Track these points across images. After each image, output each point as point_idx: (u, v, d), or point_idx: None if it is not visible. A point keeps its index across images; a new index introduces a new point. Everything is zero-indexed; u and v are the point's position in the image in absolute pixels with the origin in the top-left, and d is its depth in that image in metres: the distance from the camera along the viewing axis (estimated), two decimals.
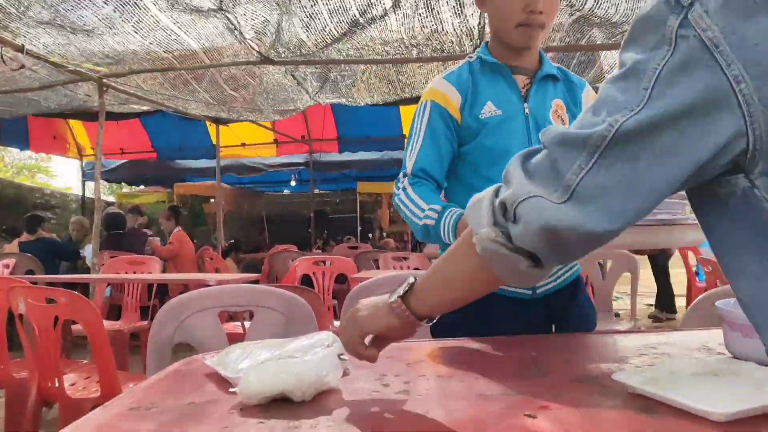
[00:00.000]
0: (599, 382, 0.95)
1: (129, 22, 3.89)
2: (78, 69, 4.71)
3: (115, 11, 3.71)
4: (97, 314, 2.24)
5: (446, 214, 1.35)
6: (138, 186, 12.58)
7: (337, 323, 3.12)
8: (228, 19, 3.89)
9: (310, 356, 0.99)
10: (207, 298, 1.69)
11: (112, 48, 4.39)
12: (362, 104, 5.99)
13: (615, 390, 0.90)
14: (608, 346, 1.27)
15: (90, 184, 10.45)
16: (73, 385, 2.61)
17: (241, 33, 4.13)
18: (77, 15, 3.77)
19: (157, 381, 1.08)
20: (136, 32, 4.09)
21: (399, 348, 1.29)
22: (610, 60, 4.90)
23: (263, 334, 1.75)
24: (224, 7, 3.71)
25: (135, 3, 3.66)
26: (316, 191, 12.37)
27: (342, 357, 1.12)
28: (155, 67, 4.83)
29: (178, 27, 4.06)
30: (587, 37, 4.28)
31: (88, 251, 5.54)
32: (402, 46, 4.46)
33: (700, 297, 1.58)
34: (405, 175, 1.50)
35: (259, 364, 0.99)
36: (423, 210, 1.40)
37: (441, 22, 3.94)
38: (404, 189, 1.48)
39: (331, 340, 1.15)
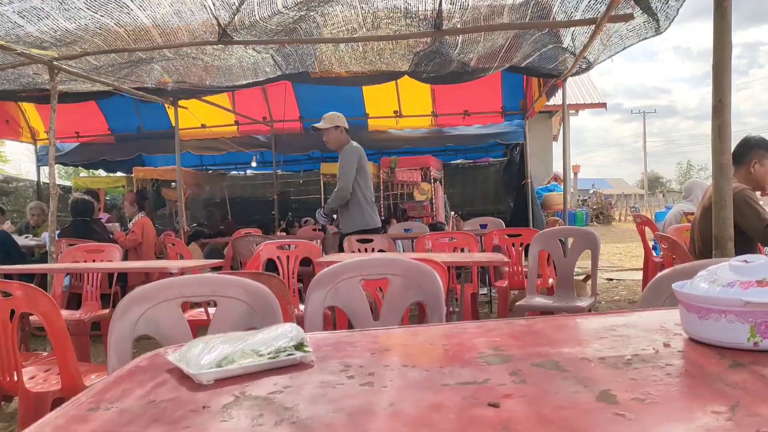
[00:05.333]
0: (561, 368, 0.96)
1: None
2: (27, 53, 4.53)
3: None
4: (55, 306, 2.18)
5: None
6: (96, 169, 12.28)
7: (302, 307, 3.15)
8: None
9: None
10: (168, 289, 1.66)
11: (63, 28, 4.23)
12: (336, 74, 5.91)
13: (578, 377, 0.91)
14: (569, 329, 1.29)
15: (45, 169, 10.13)
16: (32, 378, 2.55)
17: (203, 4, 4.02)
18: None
19: (118, 378, 1.06)
20: (87, 8, 3.94)
21: (365, 336, 1.29)
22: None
23: (227, 324, 1.74)
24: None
25: None
26: (279, 172, 12.26)
27: (306, 348, 1.12)
28: (107, 43, 4.66)
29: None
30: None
31: (45, 238, 5.39)
32: (364, 25, 4.41)
33: (657, 276, 1.61)
34: None
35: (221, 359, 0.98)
36: None
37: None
38: None
39: (294, 332, 1.14)
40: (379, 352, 1.15)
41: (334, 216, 5.16)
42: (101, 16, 4.11)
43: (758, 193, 3.32)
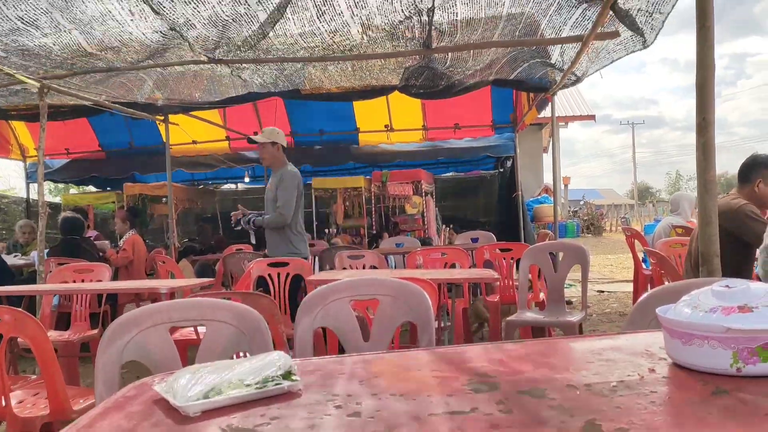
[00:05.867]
0: (547, 396, 0.97)
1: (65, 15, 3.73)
2: (17, 75, 4.53)
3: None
4: (43, 331, 2.17)
5: None
6: (86, 186, 12.23)
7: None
8: (181, 36, 3.81)
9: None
10: (156, 314, 1.66)
11: (51, 48, 4.22)
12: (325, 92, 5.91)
13: (564, 406, 0.92)
14: (556, 353, 1.30)
15: (35, 187, 10.09)
16: (21, 402, 2.53)
17: (190, 45, 4.05)
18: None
19: (104, 410, 1.05)
20: (75, 28, 3.94)
21: (353, 363, 1.29)
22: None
23: (216, 348, 1.73)
24: (177, 29, 3.62)
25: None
26: None
27: (294, 377, 1.12)
28: (95, 62, 4.66)
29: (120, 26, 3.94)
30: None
31: (35, 257, 5.35)
32: (354, 43, 4.44)
33: (642, 297, 1.63)
34: None
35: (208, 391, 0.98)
36: None
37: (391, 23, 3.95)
38: None
39: (282, 361, 1.14)
40: (368, 380, 1.15)
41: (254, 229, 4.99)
42: (90, 30, 4.10)
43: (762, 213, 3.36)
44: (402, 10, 3.78)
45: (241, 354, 1.78)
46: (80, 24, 3.84)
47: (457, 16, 4.02)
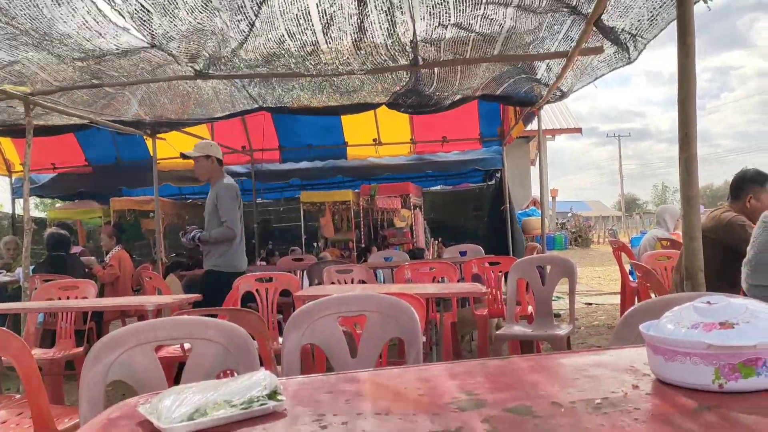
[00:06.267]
0: (532, 414, 0.97)
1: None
2: (1, 89, 4.51)
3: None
4: (27, 350, 2.14)
5: None
6: (72, 201, 12.13)
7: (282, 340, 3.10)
8: (162, 50, 3.81)
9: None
10: (142, 333, 1.65)
11: (36, 62, 4.21)
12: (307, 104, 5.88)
13: (548, 424, 0.92)
14: (543, 369, 1.31)
15: (21, 202, 10.01)
16: (4, 423, 2.49)
17: (175, 59, 4.06)
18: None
19: None
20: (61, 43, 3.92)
21: (339, 382, 1.29)
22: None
23: (203, 367, 1.72)
24: (157, 44, 3.62)
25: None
26: (259, 201, 12.22)
27: (279, 397, 1.11)
28: (83, 77, 4.65)
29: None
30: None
31: (19, 273, 5.30)
32: (339, 60, 4.46)
33: (627, 312, 1.64)
34: None
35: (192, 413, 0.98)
36: None
37: (375, 45, 3.98)
38: None
39: (267, 381, 1.14)
40: (353, 399, 1.15)
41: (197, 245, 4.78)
42: (78, 44, 4.09)
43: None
44: (388, 28, 3.81)
45: (229, 372, 1.77)
46: (56, 40, 3.81)
47: (443, 36, 4.06)
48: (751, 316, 1.03)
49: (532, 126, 7.78)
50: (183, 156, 4.95)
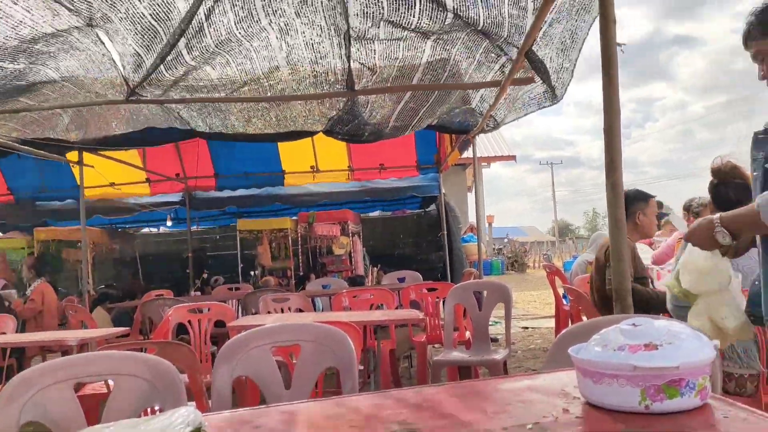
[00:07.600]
0: None
1: None
2: None
3: None
4: None
5: None
6: None
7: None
8: (98, 37, 3.64)
9: None
10: (59, 370, 1.55)
11: None
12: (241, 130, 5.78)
13: None
14: (477, 396, 1.30)
15: None
16: None
17: (112, 60, 3.92)
18: None
19: None
20: None
21: (270, 415, 1.24)
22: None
23: (126, 404, 1.64)
24: (94, 24, 3.45)
25: None
26: (195, 228, 11.92)
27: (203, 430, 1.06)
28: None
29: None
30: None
31: None
32: (280, 84, 4.44)
33: (560, 335, 1.66)
34: None
35: None
36: None
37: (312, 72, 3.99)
38: None
39: (191, 417, 1.08)
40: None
41: None
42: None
43: (647, 241, 3.53)
44: (322, 50, 3.83)
45: (157, 409, 1.69)
46: None
47: (376, 61, 4.11)
48: (674, 338, 1.05)
49: (468, 153, 7.94)
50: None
